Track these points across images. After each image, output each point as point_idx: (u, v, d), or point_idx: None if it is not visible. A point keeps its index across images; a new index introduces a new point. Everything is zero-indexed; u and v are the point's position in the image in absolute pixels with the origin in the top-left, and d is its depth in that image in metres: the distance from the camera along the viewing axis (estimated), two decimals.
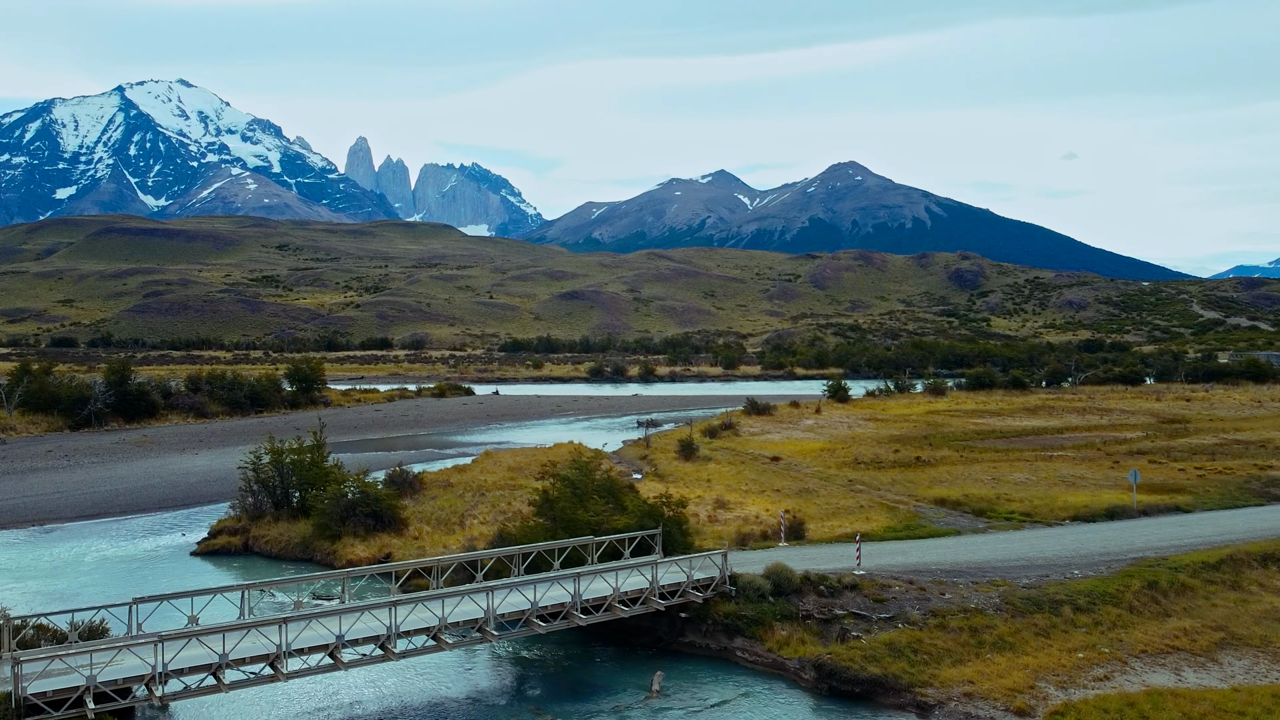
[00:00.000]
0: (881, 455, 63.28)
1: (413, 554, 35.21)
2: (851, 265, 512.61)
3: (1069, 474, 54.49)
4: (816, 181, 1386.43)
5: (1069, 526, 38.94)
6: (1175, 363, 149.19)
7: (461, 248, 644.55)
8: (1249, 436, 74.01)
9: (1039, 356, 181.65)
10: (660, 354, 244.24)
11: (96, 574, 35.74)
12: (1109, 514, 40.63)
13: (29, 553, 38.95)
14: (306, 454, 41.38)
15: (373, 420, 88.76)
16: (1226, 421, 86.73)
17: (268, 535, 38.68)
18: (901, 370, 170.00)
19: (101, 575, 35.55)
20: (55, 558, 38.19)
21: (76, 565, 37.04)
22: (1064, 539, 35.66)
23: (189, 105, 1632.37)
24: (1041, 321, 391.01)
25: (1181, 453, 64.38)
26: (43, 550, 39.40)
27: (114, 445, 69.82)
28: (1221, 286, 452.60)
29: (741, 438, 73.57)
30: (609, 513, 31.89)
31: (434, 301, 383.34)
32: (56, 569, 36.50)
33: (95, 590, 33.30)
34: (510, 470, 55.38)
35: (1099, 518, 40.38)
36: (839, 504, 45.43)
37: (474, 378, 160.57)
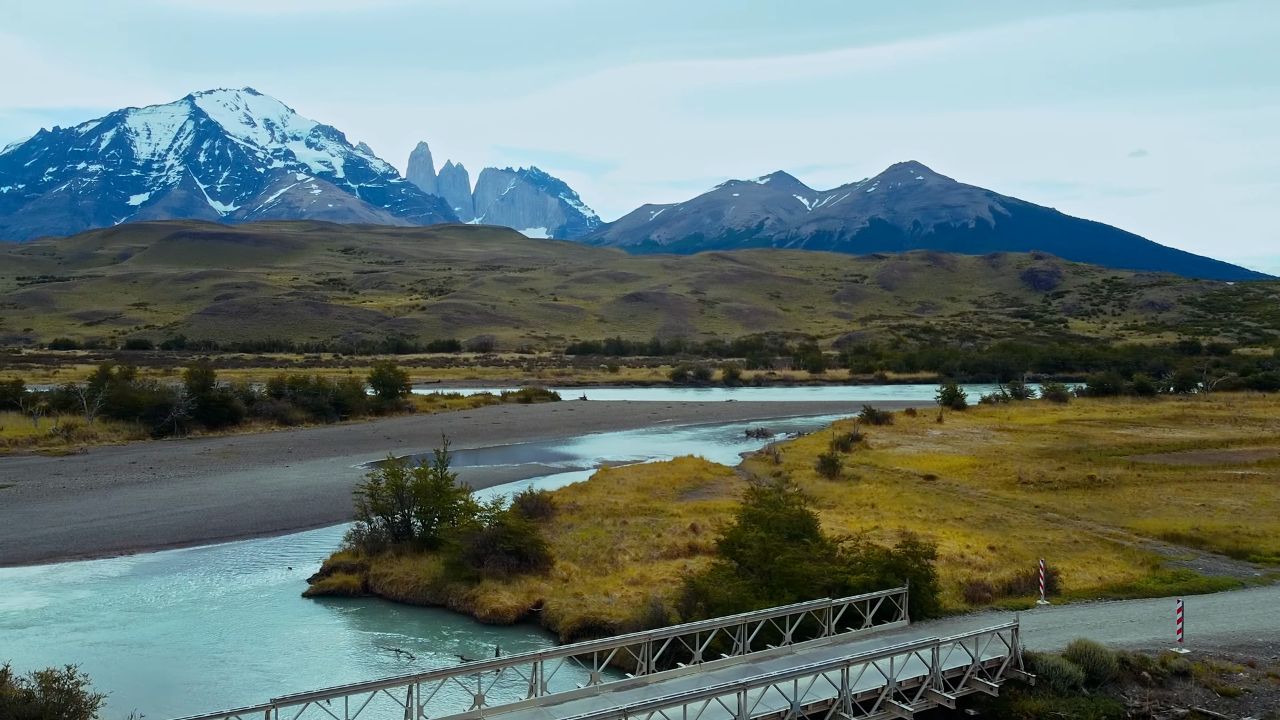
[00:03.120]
0: (1046, 473, 55.94)
1: (570, 604, 29.11)
2: (920, 266, 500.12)
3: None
4: (876, 182, 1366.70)
5: None
6: None
7: (523, 250, 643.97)
8: None
9: (1144, 360, 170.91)
10: (733, 357, 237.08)
11: (195, 621, 30.26)
12: None
13: (117, 590, 33.70)
14: (430, 476, 35.54)
15: (464, 429, 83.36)
16: None
17: (391, 574, 32.86)
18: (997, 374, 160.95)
19: (202, 623, 30.06)
20: (146, 597, 32.87)
21: (171, 608, 31.63)
22: None
23: (256, 113, 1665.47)
24: (1122, 323, 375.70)
25: None
26: (132, 586, 34.15)
27: (199, 456, 65.22)
28: None
29: (874, 451, 66.62)
30: (822, 561, 25.49)
31: (498, 304, 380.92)
32: (148, 612, 31.13)
33: (197, 645, 27.80)
34: (639, 491, 49.20)
35: None
36: (1044, 538, 38.40)
37: (551, 381, 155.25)
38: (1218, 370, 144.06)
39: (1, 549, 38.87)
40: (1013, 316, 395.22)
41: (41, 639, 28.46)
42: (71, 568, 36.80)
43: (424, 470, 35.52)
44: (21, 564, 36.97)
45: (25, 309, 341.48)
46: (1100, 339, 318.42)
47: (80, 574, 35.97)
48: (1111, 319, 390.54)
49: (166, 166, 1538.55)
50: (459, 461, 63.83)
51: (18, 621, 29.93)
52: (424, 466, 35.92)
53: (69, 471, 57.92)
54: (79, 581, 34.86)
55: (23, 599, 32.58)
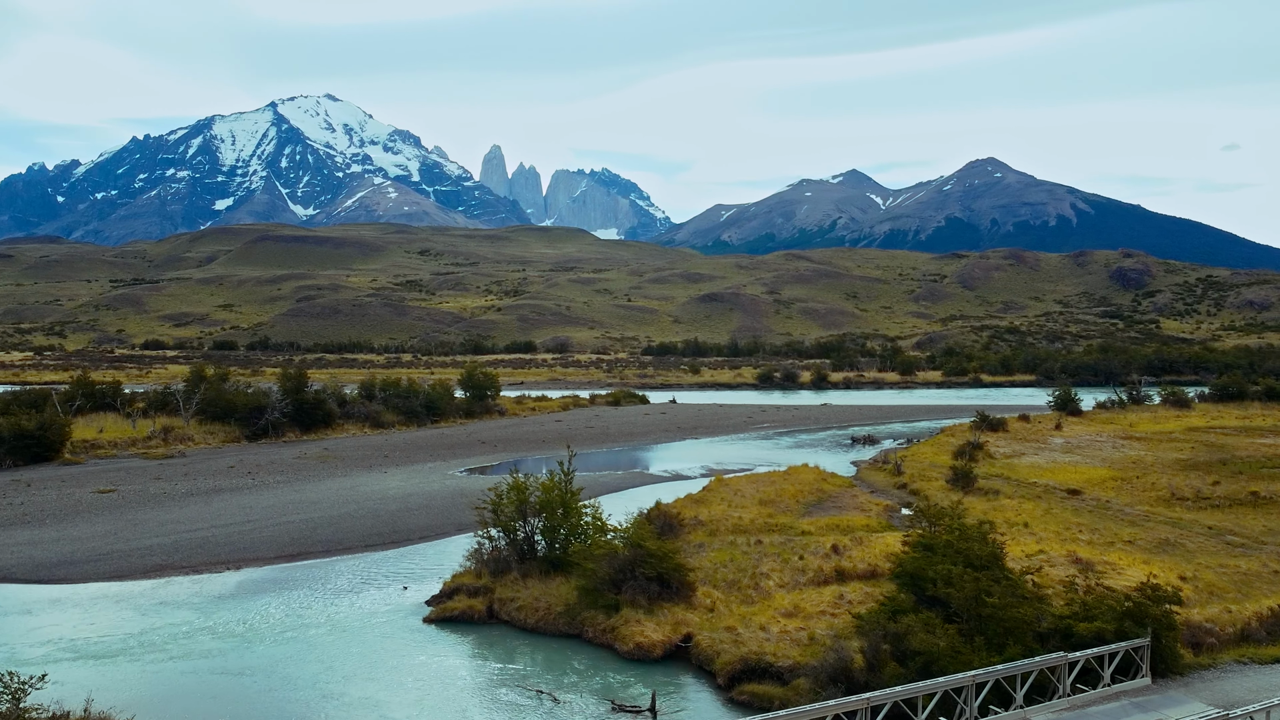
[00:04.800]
0: (1200, 488, 51.10)
1: (724, 639, 25.98)
2: (1001, 265, 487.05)
3: None
4: (953, 179, 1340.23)
5: None
6: None
7: (595, 251, 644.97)
8: None
9: (1259, 362, 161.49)
10: (813, 358, 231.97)
11: (304, 647, 27.94)
12: None
13: (221, 609, 31.63)
14: (556, 491, 32.81)
15: (558, 433, 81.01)
16: None
17: (518, 599, 30.13)
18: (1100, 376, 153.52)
19: (310, 650, 27.73)
20: (252, 617, 30.71)
21: (278, 631, 29.37)
22: None
23: (335, 119, 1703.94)
24: (1219, 323, 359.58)
25: None
26: (237, 605, 32.06)
27: (296, 460, 63.84)
28: None
29: (999, 461, 62.20)
30: (1034, 602, 21.95)
31: (573, 305, 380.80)
32: (253, 635, 28.92)
33: (304, 675, 25.45)
34: (761, 505, 45.88)
35: None
36: (1237, 567, 34.06)
37: (634, 383, 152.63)
38: None
39: (109, 560, 37.31)
40: (1101, 316, 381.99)
41: (135, 667, 26.39)
42: (178, 582, 34.97)
43: (550, 484, 32.74)
44: (129, 578, 35.28)
45: (118, 310, 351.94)
46: (1197, 339, 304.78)
47: (186, 590, 34.10)
48: (1207, 319, 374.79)
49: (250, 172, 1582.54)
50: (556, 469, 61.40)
51: (112, 647, 27.84)
52: (551, 478, 33.15)
53: (169, 476, 56.87)
54: (183, 599, 32.94)
55: (123, 618, 30.67)
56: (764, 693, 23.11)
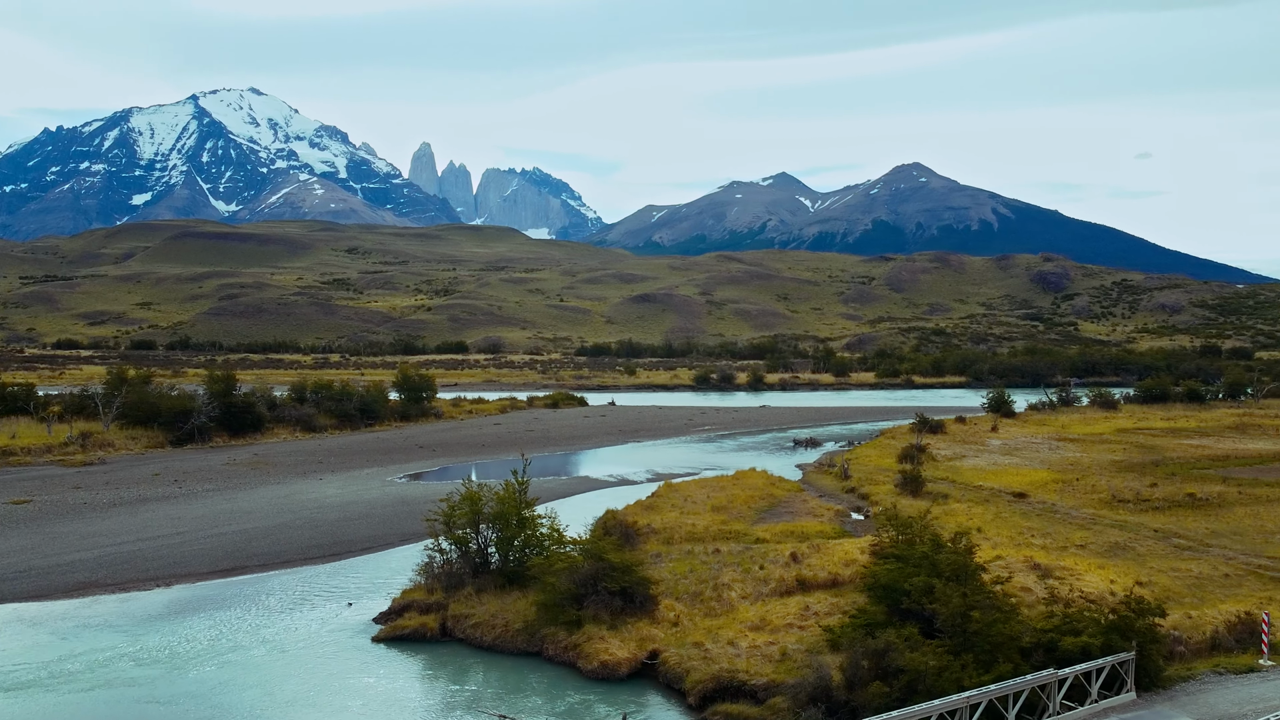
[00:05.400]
0: (1140, 490, 51.95)
1: (693, 656, 25.06)
2: (928, 267, 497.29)
3: None
4: (880, 183, 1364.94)
5: None
6: None
7: (527, 251, 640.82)
8: None
9: (1175, 364, 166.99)
10: (747, 359, 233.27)
11: (242, 671, 26.27)
12: None
13: (155, 631, 29.65)
14: (511, 502, 31.53)
15: (498, 436, 79.37)
16: None
17: (474, 616, 28.79)
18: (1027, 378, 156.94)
19: (250, 673, 26.08)
20: (186, 639, 28.83)
21: (213, 653, 27.59)
22: None
23: (259, 113, 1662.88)
24: (1133, 326, 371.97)
25: None
26: (172, 627, 30.09)
27: (225, 467, 61.18)
28: None
29: (943, 464, 62.57)
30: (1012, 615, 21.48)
31: (505, 305, 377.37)
32: (187, 658, 27.12)
33: (243, 703, 23.85)
34: (714, 511, 45.12)
35: None
36: (1189, 571, 34.34)
37: (571, 384, 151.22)
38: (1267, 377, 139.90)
39: (25, 578, 34.87)
40: (1023, 319, 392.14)
41: (51, 699, 24.35)
42: (104, 602, 32.78)
43: (505, 493, 31.46)
44: (48, 597, 32.97)
45: (29, 308, 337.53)
46: (1114, 341, 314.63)
47: (111, 610, 31.93)
48: (1122, 321, 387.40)
49: (170, 166, 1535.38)
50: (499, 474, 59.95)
51: (25, 677, 25.53)
52: (506, 487, 31.86)
53: (89, 485, 53.92)
54: (108, 620, 30.78)
55: (40, 642, 28.43)
56: (739, 713, 22.26)
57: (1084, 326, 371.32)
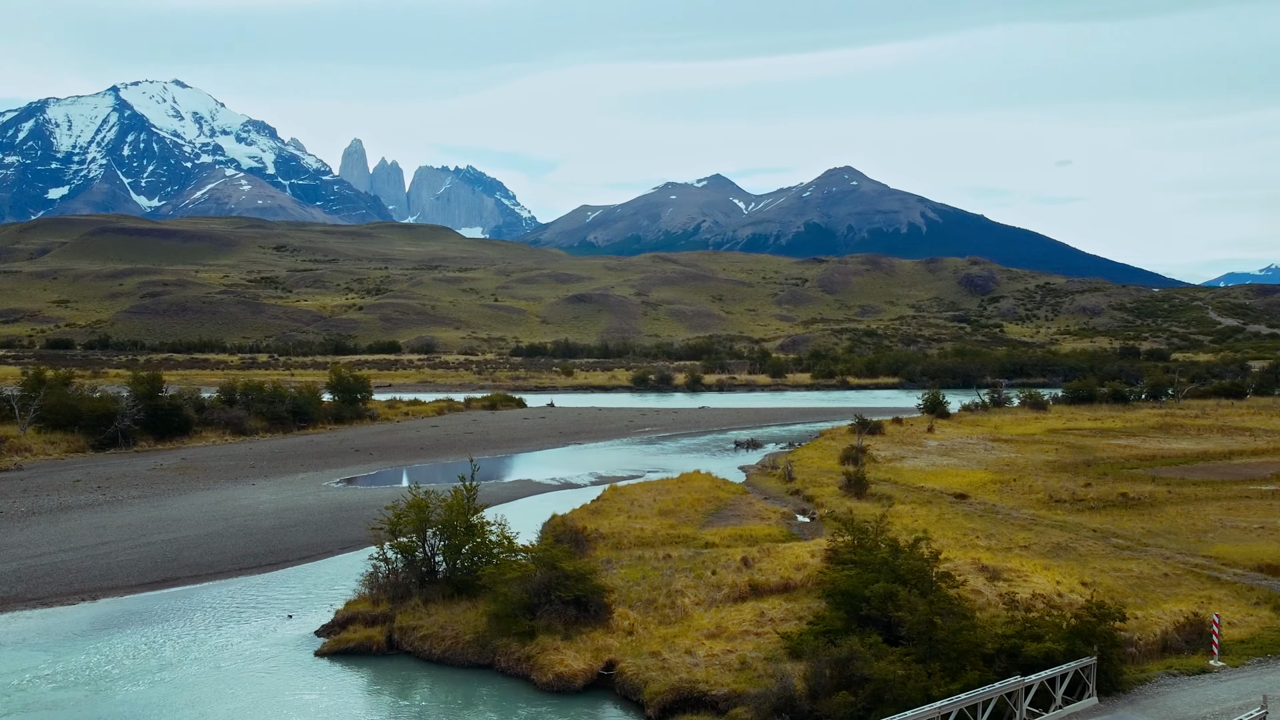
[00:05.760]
0: (1075, 490, 53.00)
1: (650, 666, 24.52)
2: (860, 270, 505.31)
3: None
4: (812, 186, 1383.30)
5: None
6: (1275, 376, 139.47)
7: (461, 250, 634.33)
8: None
9: (1098, 366, 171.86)
10: (683, 359, 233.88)
11: (175, 690, 25.00)
12: None
13: (81, 649, 28.07)
14: (458, 509, 30.64)
15: (436, 439, 77.88)
16: None
17: (422, 627, 27.85)
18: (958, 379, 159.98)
19: (183, 693, 24.82)
20: (118, 658, 27.34)
21: (149, 676, 26.21)
22: None
23: (183, 106, 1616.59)
24: (1056, 328, 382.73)
25: None
26: (99, 644, 28.52)
27: (152, 473, 58.83)
28: (1233, 293, 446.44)
29: (884, 465, 63.10)
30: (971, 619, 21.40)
31: (439, 304, 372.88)
32: (115, 678, 25.73)
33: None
34: (662, 515, 44.70)
35: None
36: (1130, 571, 34.92)
37: (508, 385, 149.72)
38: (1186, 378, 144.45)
39: None
40: (951, 320, 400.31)
41: None
42: (24, 618, 30.99)
43: (455, 500, 30.54)
44: None
45: None
46: (1038, 343, 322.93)
47: (32, 627, 30.18)
48: (1046, 323, 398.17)
49: (88, 160, 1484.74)
50: (439, 478, 58.74)
51: None
52: (455, 494, 30.94)
53: (6, 492, 51.32)
54: (28, 637, 29.06)
55: None
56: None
57: (1009, 328, 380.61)
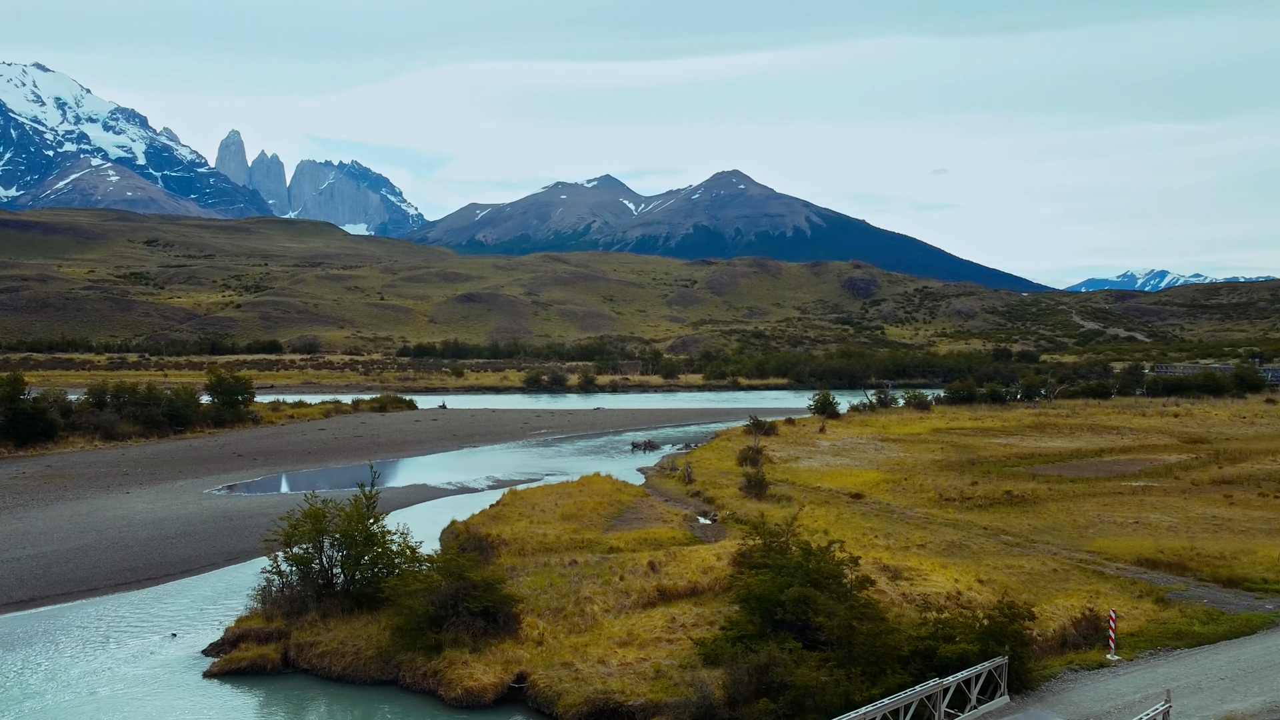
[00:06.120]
0: (963, 489, 54.75)
1: (563, 677, 23.94)
2: (748, 272, 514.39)
3: (1210, 514, 46.92)
4: (701, 189, 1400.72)
5: None
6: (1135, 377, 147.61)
7: (346, 247, 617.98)
8: None
9: (974, 367, 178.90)
10: (574, 360, 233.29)
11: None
12: None
13: None
14: (357, 518, 29.37)
15: (324, 443, 75.14)
16: (1254, 441, 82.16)
17: (320, 643, 26.53)
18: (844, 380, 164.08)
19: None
20: None
21: (16, 705, 24.24)
22: None
23: (45, 90, 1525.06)
24: (933, 330, 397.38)
25: (1273, 482, 58.07)
26: None
27: (13, 481, 54.85)
28: (1094, 298, 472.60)
29: (780, 466, 63.90)
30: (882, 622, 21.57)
31: (322, 302, 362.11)
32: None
33: None
34: (564, 520, 44.05)
35: None
36: (1021, 567, 36.10)
37: (396, 386, 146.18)
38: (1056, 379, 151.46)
39: None
40: (835, 322, 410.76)
41: None
42: None
43: (355, 511, 29.26)
44: None
45: None
46: (916, 344, 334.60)
47: None
48: (924, 326, 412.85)
49: None
50: (330, 484, 56.68)
51: None
52: (355, 502, 29.65)
53: None
54: None
55: None
56: None
57: (890, 330, 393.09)
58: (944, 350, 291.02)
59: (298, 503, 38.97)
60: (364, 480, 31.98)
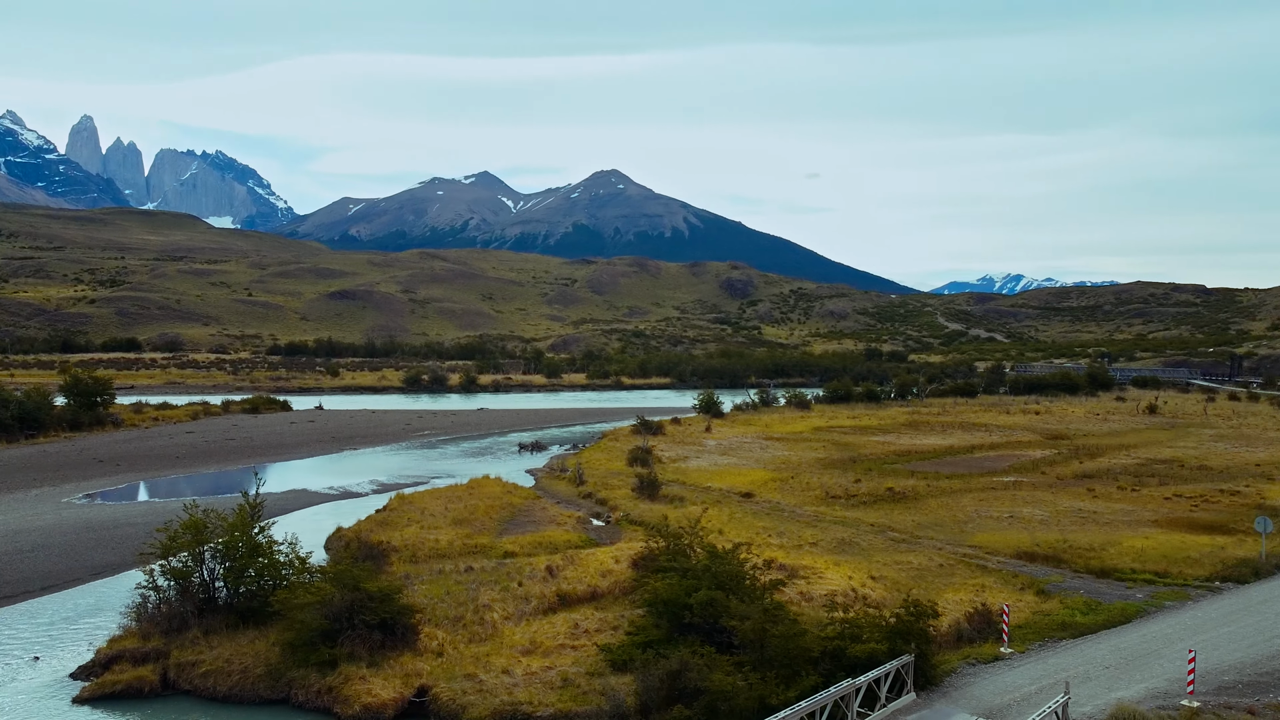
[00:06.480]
0: (848, 487, 56.17)
1: (467, 689, 23.22)
2: (628, 271, 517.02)
3: (1076, 507, 49.50)
4: (580, 188, 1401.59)
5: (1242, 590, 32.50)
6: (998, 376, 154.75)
7: (210, 240, 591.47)
8: (1157, 454, 73.62)
9: (849, 367, 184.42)
10: (454, 359, 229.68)
11: None
12: (1254, 571, 34.88)
13: None
14: (241, 527, 27.85)
15: (194, 447, 71.37)
16: (1108, 437, 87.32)
17: (203, 662, 24.99)
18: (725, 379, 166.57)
19: None
20: None
21: None
22: None
23: None
24: (808, 330, 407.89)
25: (1129, 475, 61.78)
26: None
27: None
28: (958, 300, 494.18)
29: (670, 466, 64.13)
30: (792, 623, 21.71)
31: (185, 298, 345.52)
32: None
33: None
34: (456, 524, 43.02)
35: (1246, 577, 34.44)
36: (910, 563, 37.19)
37: (268, 387, 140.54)
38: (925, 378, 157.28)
39: None
40: (713, 322, 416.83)
41: None
42: None
43: (239, 521, 27.72)
44: None
45: None
46: (792, 344, 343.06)
47: None
48: (799, 326, 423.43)
49: None
50: (201, 490, 53.97)
51: None
52: (240, 511, 28.09)
53: None
54: None
55: None
56: None
57: (766, 330, 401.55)
58: (819, 350, 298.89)
59: (170, 511, 36.88)
60: (243, 485, 30.40)
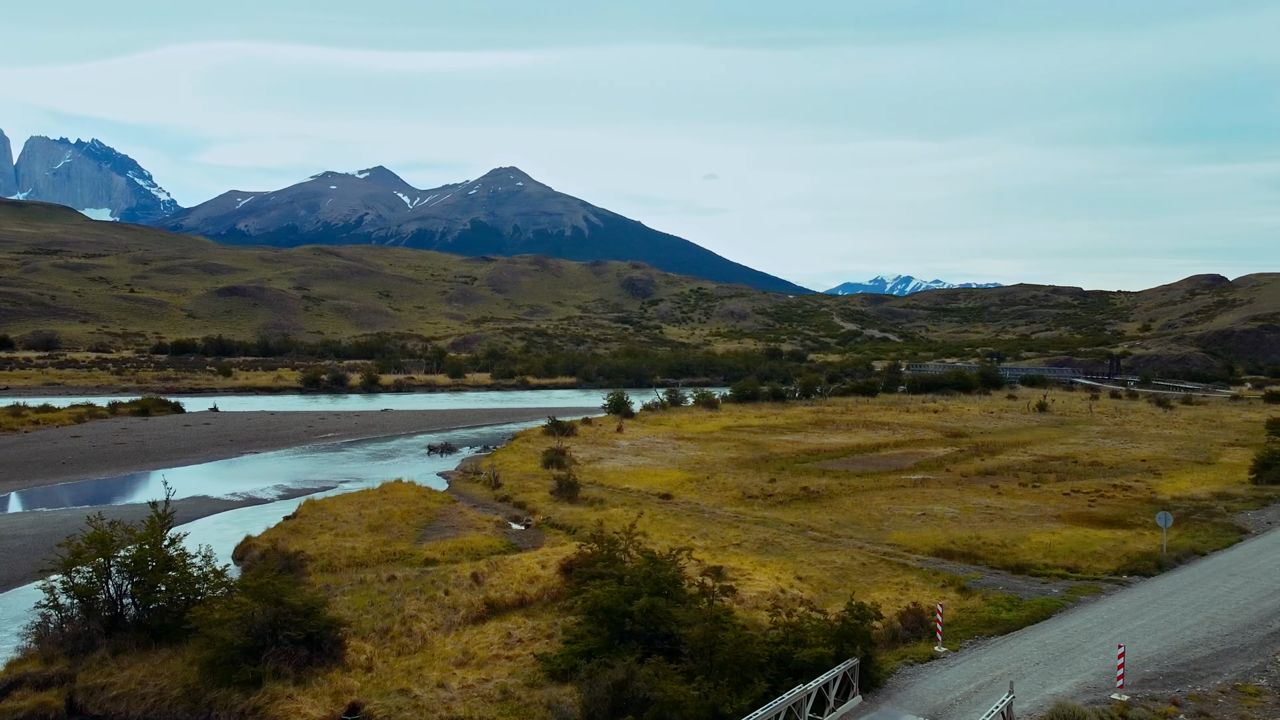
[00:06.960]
0: (764, 486, 56.68)
1: (401, 705, 22.37)
2: (528, 270, 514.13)
3: (984, 504, 51.08)
4: (478, 185, 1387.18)
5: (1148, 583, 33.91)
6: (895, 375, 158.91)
7: (87, 233, 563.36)
8: (1051, 451, 76.70)
9: (753, 366, 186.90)
10: (352, 358, 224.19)
11: None
12: (1157, 564, 36.45)
13: None
14: (150, 540, 26.29)
15: (81, 451, 67.44)
16: (1005, 434, 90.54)
17: (113, 685, 23.43)
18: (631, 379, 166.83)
19: None
20: None
21: None
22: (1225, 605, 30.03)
23: None
24: (709, 330, 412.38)
25: (1029, 472, 64.12)
26: None
27: None
28: (853, 301, 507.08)
29: (585, 467, 63.57)
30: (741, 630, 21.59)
31: (60, 294, 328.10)
32: None
33: None
34: (373, 531, 41.69)
35: (1150, 570, 35.96)
36: (833, 562, 37.64)
37: (156, 387, 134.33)
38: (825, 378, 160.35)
39: None
40: (615, 321, 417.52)
41: None
42: None
43: (148, 533, 26.14)
44: None
45: None
46: (694, 344, 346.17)
47: None
48: (700, 325, 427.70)
49: None
50: (89, 498, 51.11)
51: None
52: (150, 523, 26.50)
53: None
54: None
55: None
56: None
57: (668, 330, 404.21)
58: (721, 350, 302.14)
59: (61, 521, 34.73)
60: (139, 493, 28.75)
